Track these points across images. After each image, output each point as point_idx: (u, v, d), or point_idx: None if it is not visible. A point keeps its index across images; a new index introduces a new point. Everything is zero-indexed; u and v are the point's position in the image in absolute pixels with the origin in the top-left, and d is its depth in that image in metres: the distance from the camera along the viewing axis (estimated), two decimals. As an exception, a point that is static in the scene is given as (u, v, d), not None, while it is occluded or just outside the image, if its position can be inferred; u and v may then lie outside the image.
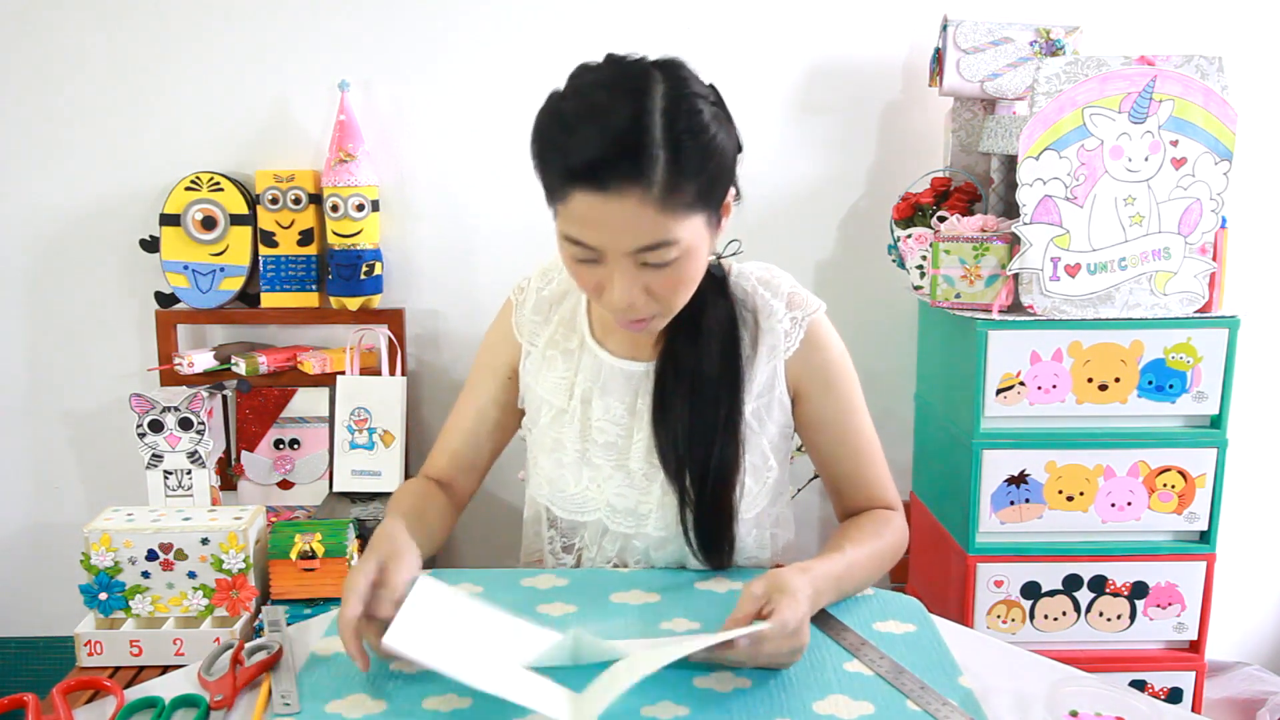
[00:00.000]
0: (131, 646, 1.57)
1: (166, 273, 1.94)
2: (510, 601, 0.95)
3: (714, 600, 1.01)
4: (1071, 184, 1.56)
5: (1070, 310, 1.60)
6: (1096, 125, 1.55)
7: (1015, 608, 1.69)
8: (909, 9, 1.94)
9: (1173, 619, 1.70)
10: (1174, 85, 1.54)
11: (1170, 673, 1.71)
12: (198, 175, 1.92)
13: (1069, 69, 1.53)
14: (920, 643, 0.93)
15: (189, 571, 1.60)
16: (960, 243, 1.63)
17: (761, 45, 1.96)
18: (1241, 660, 2.11)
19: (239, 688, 0.85)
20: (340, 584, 1.62)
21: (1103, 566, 1.68)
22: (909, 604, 1.01)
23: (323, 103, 1.94)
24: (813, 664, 0.88)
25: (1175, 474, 1.64)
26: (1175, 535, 1.69)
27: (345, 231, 1.90)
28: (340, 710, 0.81)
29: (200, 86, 1.94)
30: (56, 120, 1.95)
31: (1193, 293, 1.61)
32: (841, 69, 1.97)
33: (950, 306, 1.67)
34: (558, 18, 1.94)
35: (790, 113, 1.98)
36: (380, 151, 1.97)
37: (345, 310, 1.95)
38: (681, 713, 0.80)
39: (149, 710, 0.84)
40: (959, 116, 1.88)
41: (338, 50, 1.94)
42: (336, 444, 1.93)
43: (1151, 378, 1.61)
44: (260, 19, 1.92)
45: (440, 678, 0.85)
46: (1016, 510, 1.66)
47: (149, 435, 1.77)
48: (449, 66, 1.95)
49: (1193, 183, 1.57)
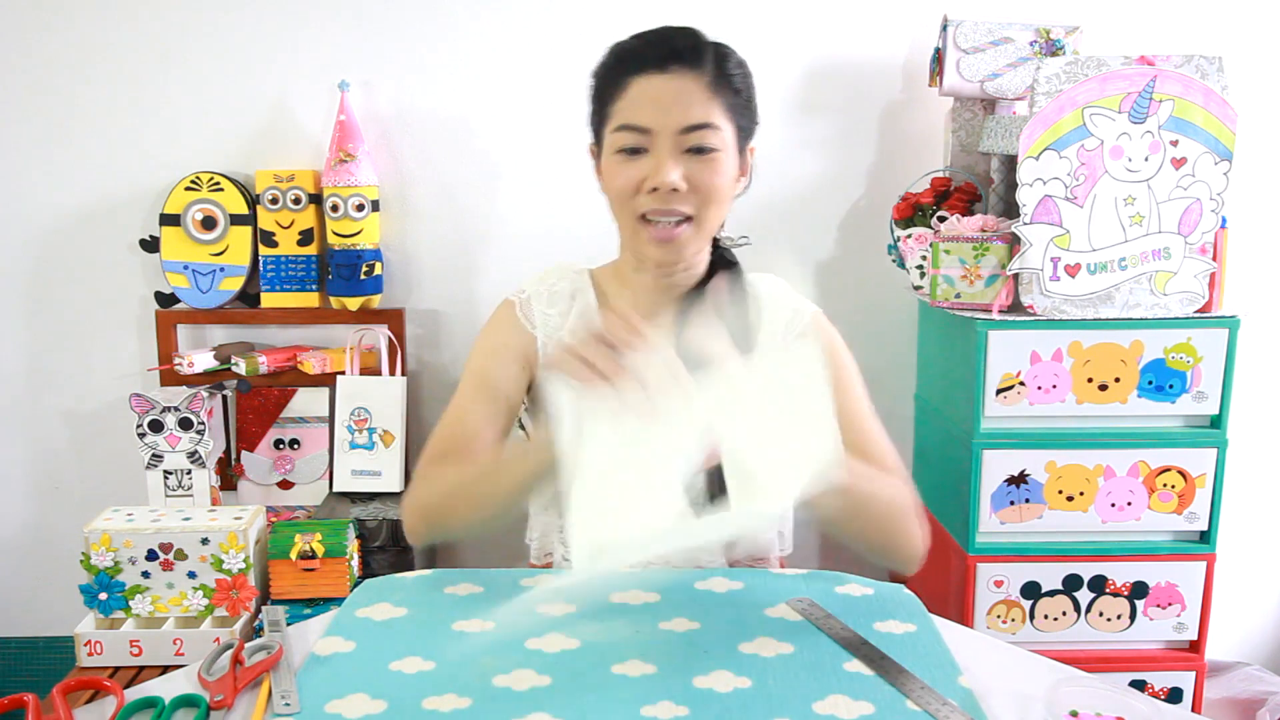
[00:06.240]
0: (131, 646, 1.57)
1: (166, 273, 1.94)
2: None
3: (714, 600, 1.01)
4: (1071, 184, 1.56)
5: (1070, 310, 1.60)
6: (1096, 125, 1.55)
7: (1015, 608, 1.69)
8: (909, 9, 1.94)
9: (1173, 619, 1.70)
10: (1174, 85, 1.54)
11: (1170, 673, 1.71)
12: (198, 175, 1.92)
13: (1069, 69, 1.53)
14: (920, 643, 0.93)
15: (189, 571, 1.60)
16: (960, 243, 1.63)
17: (761, 45, 1.95)
18: (1241, 660, 2.11)
19: (239, 688, 0.85)
20: (340, 584, 1.62)
21: (1103, 566, 1.68)
22: (909, 603, 1.01)
23: (323, 103, 1.94)
24: (813, 664, 0.88)
25: (1175, 474, 1.64)
26: (1175, 535, 1.69)
27: (345, 231, 1.90)
28: (340, 710, 0.81)
29: (200, 86, 1.94)
30: (57, 120, 1.95)
31: (1193, 293, 1.61)
32: (841, 69, 1.97)
33: (950, 306, 1.67)
34: (558, 18, 1.94)
35: (790, 113, 1.98)
36: (380, 151, 1.97)
37: (345, 310, 1.95)
38: (681, 713, 0.80)
39: (149, 710, 0.84)
40: (959, 116, 1.88)
41: (338, 50, 1.94)
42: (336, 444, 1.93)
43: (1151, 378, 1.61)
44: (260, 19, 1.92)
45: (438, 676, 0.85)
46: (1016, 510, 1.66)
47: (149, 435, 1.77)
48: (449, 66, 1.95)
49: (1193, 183, 1.57)
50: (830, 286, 2.04)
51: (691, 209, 1.06)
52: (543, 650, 0.89)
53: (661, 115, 1.03)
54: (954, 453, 1.72)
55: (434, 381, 2.07)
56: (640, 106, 1.04)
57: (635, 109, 1.04)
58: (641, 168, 1.05)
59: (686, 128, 1.03)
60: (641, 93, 1.03)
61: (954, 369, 1.73)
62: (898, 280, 2.00)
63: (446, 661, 0.88)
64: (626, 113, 1.04)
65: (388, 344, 1.95)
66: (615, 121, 1.05)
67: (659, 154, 1.04)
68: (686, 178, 1.04)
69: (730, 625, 0.95)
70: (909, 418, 2.01)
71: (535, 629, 0.93)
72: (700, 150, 1.04)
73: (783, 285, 1.21)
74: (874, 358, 2.01)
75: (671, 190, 1.04)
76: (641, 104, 1.04)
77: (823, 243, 2.04)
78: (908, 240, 1.80)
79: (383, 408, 1.92)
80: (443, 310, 2.05)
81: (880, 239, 2.00)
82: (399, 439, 1.91)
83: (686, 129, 1.03)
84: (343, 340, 2.01)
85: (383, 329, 1.95)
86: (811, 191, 2.01)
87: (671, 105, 1.03)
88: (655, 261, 1.10)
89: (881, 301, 2.04)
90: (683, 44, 1.05)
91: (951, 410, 1.76)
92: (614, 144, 1.06)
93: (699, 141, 1.04)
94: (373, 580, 1.06)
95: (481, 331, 1.21)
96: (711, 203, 1.06)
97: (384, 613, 0.98)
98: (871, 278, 2.03)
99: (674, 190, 1.04)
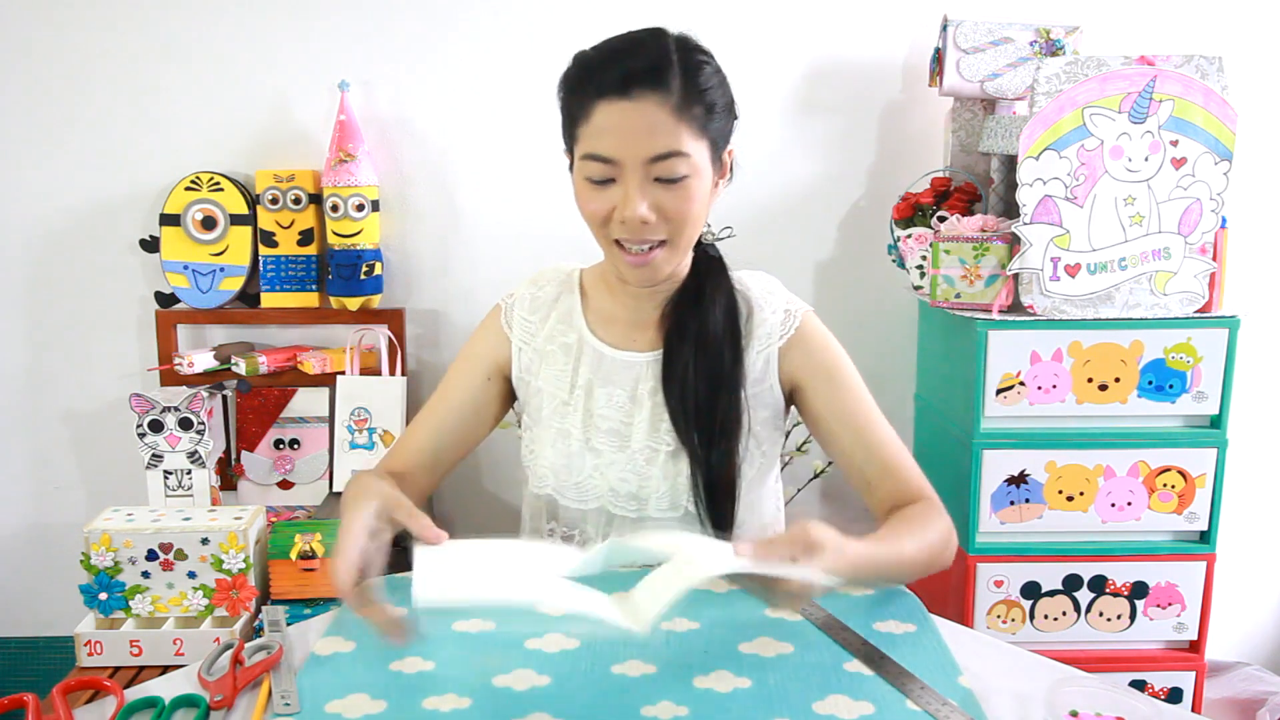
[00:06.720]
0: (131, 646, 1.57)
1: (166, 273, 1.94)
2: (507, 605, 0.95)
3: (713, 600, 1.01)
4: (1071, 184, 1.56)
5: (1070, 310, 1.60)
6: (1096, 125, 1.55)
7: (1015, 608, 1.69)
8: (909, 9, 1.94)
9: (1173, 619, 1.70)
10: (1174, 85, 1.54)
11: (1170, 673, 1.71)
12: (198, 175, 1.92)
13: (1069, 69, 1.53)
14: (920, 643, 0.93)
15: (189, 571, 1.60)
16: (960, 243, 1.63)
17: (761, 45, 1.96)
18: (1241, 660, 2.11)
19: (239, 688, 0.85)
20: (340, 584, 1.62)
21: (1103, 566, 1.68)
22: (909, 603, 1.01)
23: (323, 103, 1.94)
24: (813, 664, 0.88)
25: (1175, 474, 1.64)
26: (1175, 535, 1.69)
27: (345, 231, 1.90)
28: (340, 710, 0.81)
29: (200, 86, 1.94)
30: (57, 120, 1.95)
31: (1193, 293, 1.61)
32: (841, 69, 1.97)
33: (950, 306, 1.67)
34: (557, 18, 1.94)
35: (790, 112, 1.98)
36: (380, 151, 1.97)
37: (345, 310, 1.95)
38: (681, 713, 0.80)
39: (149, 710, 0.84)
40: (959, 116, 1.88)
41: (338, 50, 1.94)
42: (336, 444, 1.93)
43: (1151, 378, 1.61)
44: (260, 19, 1.92)
45: (438, 676, 0.85)
46: (1016, 510, 1.66)
47: (149, 435, 1.77)
48: (449, 66, 1.95)
49: (1193, 183, 1.57)
50: (830, 286, 2.04)
51: (664, 235, 1.04)
52: (543, 650, 0.89)
53: (627, 146, 1.00)
54: (954, 453, 1.72)
55: (434, 381, 2.05)
56: (605, 137, 1.00)
57: (600, 139, 1.00)
58: (610, 197, 1.03)
59: (653, 158, 1.00)
60: (606, 120, 1.00)
61: (954, 369, 1.73)
62: (898, 280, 2.00)
63: (446, 661, 0.88)
64: (592, 141, 1.01)
65: (388, 344, 1.95)
66: (582, 147, 1.03)
67: (626, 185, 1.01)
68: (655, 207, 1.02)
69: (730, 625, 0.95)
70: (909, 418, 2.01)
71: (535, 629, 0.93)
72: (669, 179, 1.01)
73: (775, 283, 1.19)
74: (874, 358, 2.01)
75: (641, 222, 1.02)
76: (606, 134, 1.00)
77: (823, 243, 2.04)
78: (908, 240, 1.80)
79: (383, 408, 1.92)
80: (443, 310, 2.05)
81: (880, 239, 2.00)
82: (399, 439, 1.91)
83: (653, 159, 1.00)
84: (343, 340, 2.01)
85: (383, 329, 1.95)
86: (811, 191, 2.01)
87: (637, 135, 0.99)
88: (634, 281, 1.11)
89: (881, 301, 2.04)
90: (645, 64, 0.99)
91: (951, 410, 1.76)
92: (582, 171, 1.04)
93: (667, 172, 1.00)
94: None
95: (468, 341, 1.25)
96: (685, 226, 1.05)
97: (384, 613, 0.98)
98: (871, 278, 2.03)
99: (644, 222, 1.02)
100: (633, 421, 1.14)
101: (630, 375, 1.15)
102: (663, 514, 1.13)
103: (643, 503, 1.14)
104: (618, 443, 1.14)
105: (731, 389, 1.11)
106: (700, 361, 1.11)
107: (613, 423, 1.14)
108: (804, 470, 1.97)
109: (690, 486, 1.12)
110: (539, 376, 1.19)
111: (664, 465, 1.12)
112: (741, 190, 1.98)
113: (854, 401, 1.14)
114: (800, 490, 1.99)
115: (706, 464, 1.10)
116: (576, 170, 1.05)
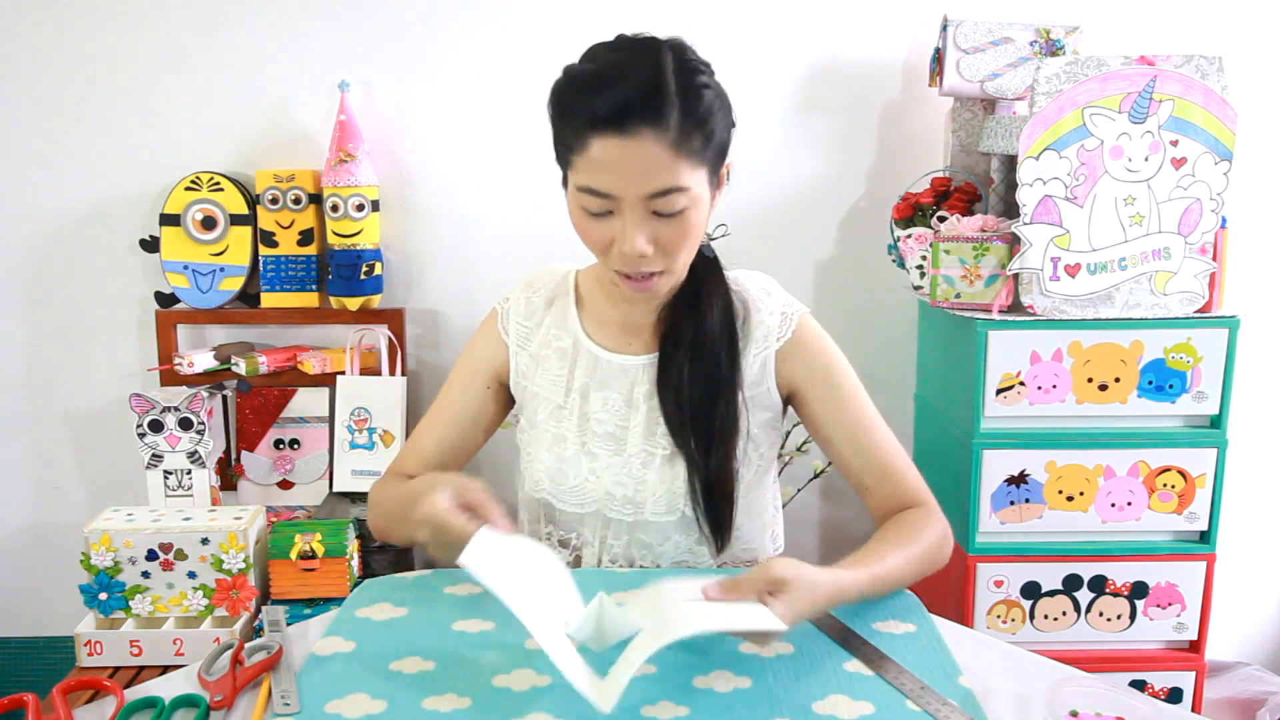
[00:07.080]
0: (131, 646, 1.57)
1: (166, 273, 1.94)
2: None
3: (713, 601, 1.01)
4: (1071, 184, 1.56)
5: (1070, 310, 1.60)
6: (1096, 125, 1.55)
7: (1015, 608, 1.69)
8: (909, 9, 1.94)
9: (1173, 619, 1.70)
10: (1174, 85, 1.54)
11: (1170, 673, 1.71)
12: (198, 175, 1.92)
13: (1069, 69, 1.53)
14: (920, 643, 0.93)
15: (189, 571, 1.60)
16: (960, 243, 1.63)
17: (761, 45, 1.96)
18: (1241, 660, 2.11)
19: (239, 688, 0.85)
20: (340, 584, 1.62)
21: (1103, 566, 1.68)
22: (909, 603, 1.01)
23: (323, 103, 1.94)
24: (813, 664, 0.88)
25: (1175, 474, 1.64)
26: (1175, 535, 1.69)
27: (345, 231, 1.90)
28: (340, 710, 0.81)
29: (200, 86, 1.94)
30: (57, 120, 1.95)
31: (1193, 293, 1.61)
32: (841, 69, 1.97)
33: (950, 306, 1.67)
34: (557, 18, 1.94)
35: (790, 112, 1.99)
36: (380, 151, 1.97)
37: (345, 310, 1.95)
38: (681, 713, 0.80)
39: (149, 710, 0.84)
40: (959, 116, 1.88)
41: (338, 50, 1.94)
42: (336, 444, 1.93)
43: (1151, 378, 1.61)
44: (260, 19, 1.92)
45: (438, 676, 0.85)
46: (1016, 510, 1.66)
47: (149, 435, 1.77)
48: (449, 66, 1.95)
49: (1193, 183, 1.57)
50: (830, 286, 2.04)
51: (662, 265, 1.04)
52: (543, 650, 0.89)
53: (624, 184, 0.98)
54: (954, 453, 1.72)
55: (434, 381, 2.07)
56: (601, 173, 0.98)
57: (596, 174, 0.98)
58: (609, 229, 1.02)
59: (652, 194, 0.98)
60: (603, 155, 0.97)
61: (954, 369, 1.73)
62: (898, 280, 2.00)
63: (446, 661, 0.88)
64: (587, 176, 0.99)
65: (387, 344, 1.95)
66: (578, 178, 1.00)
67: (624, 220, 1.00)
68: (654, 240, 1.01)
69: (730, 625, 0.95)
70: (909, 418, 2.01)
71: None
72: (668, 213, 1.00)
73: (772, 284, 1.18)
74: (874, 358, 2.02)
75: (640, 255, 1.01)
76: (602, 170, 0.98)
77: (823, 243, 2.04)
78: (908, 240, 1.80)
79: (383, 408, 1.92)
80: (443, 310, 2.05)
81: (880, 239, 2.00)
82: (399, 439, 1.91)
83: (652, 195, 0.98)
84: (343, 340, 2.01)
85: (383, 329, 1.95)
86: (811, 191, 2.01)
87: (634, 173, 0.97)
88: (634, 301, 1.12)
89: (881, 301, 2.04)
90: (640, 94, 0.95)
91: (951, 410, 1.76)
92: (579, 200, 1.02)
93: (666, 207, 0.99)
94: (373, 580, 1.07)
95: (467, 345, 1.24)
96: (683, 253, 1.04)
97: (384, 613, 0.98)
98: (871, 278, 2.03)
99: (642, 255, 1.01)
100: (628, 425, 1.14)
101: (626, 379, 1.15)
102: (659, 517, 1.13)
103: (639, 507, 1.13)
104: (614, 447, 1.14)
105: (729, 392, 1.11)
106: (696, 366, 1.11)
107: (608, 427, 1.14)
108: (804, 470, 1.97)
109: (687, 490, 1.11)
110: (535, 380, 1.18)
111: (660, 469, 1.12)
112: (741, 190, 1.99)
113: (852, 406, 1.14)
114: (800, 490, 1.99)
115: (704, 468, 1.10)
116: (572, 197, 1.03)
